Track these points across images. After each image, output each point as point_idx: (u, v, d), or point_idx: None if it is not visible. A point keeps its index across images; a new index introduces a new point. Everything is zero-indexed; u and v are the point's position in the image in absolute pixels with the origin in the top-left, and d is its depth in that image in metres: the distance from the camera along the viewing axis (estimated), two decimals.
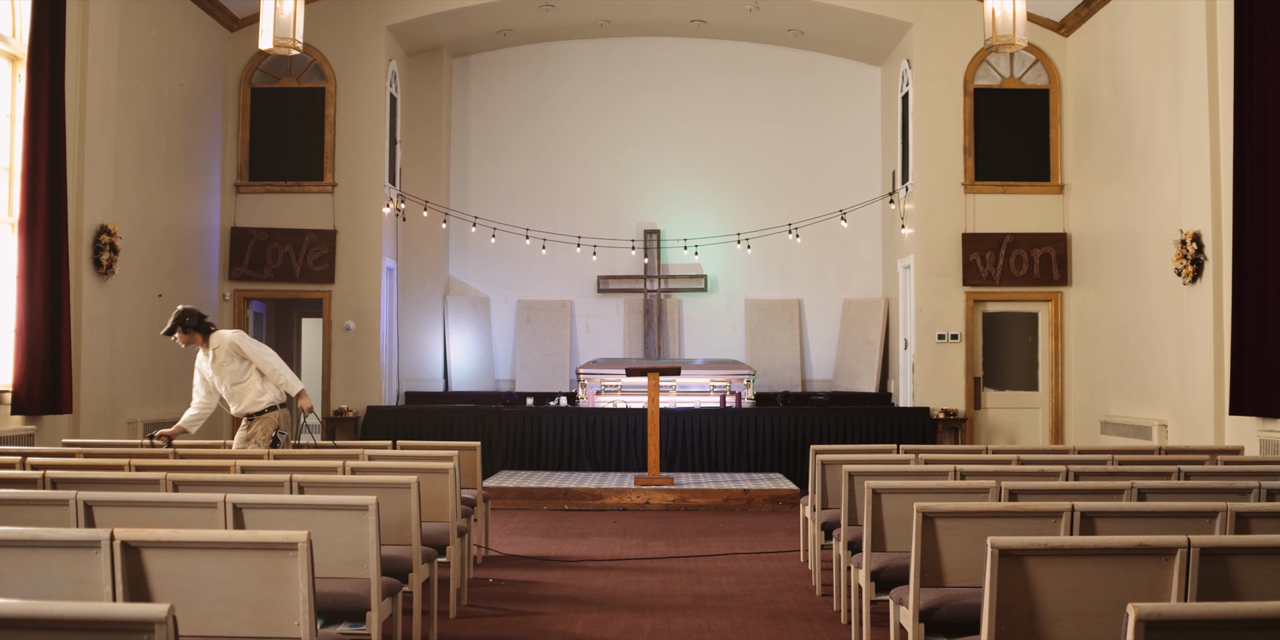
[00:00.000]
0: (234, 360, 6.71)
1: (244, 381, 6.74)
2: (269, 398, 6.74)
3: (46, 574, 3.01)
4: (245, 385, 6.74)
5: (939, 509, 3.73)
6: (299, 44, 7.68)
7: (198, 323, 6.67)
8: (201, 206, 11.37)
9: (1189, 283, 8.79)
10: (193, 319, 6.67)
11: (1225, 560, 3.00)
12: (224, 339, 6.73)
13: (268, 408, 6.73)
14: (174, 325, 6.67)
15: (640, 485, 9.83)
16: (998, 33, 7.34)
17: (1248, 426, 7.98)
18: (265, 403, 6.73)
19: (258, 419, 6.72)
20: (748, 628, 5.30)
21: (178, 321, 6.67)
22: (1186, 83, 8.91)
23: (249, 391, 6.73)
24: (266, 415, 6.74)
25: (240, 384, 6.74)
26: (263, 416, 6.73)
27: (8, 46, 8.21)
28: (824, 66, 13.95)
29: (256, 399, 6.73)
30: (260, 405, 6.72)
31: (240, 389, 6.74)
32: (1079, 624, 3.02)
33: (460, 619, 5.46)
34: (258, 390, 6.74)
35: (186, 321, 6.66)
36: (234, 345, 6.71)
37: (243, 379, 6.74)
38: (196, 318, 6.68)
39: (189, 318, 6.67)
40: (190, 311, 6.70)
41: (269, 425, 6.72)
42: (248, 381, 6.74)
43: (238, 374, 6.74)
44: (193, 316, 6.67)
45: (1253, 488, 4.48)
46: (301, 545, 3.00)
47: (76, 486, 4.49)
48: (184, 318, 6.67)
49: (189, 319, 6.67)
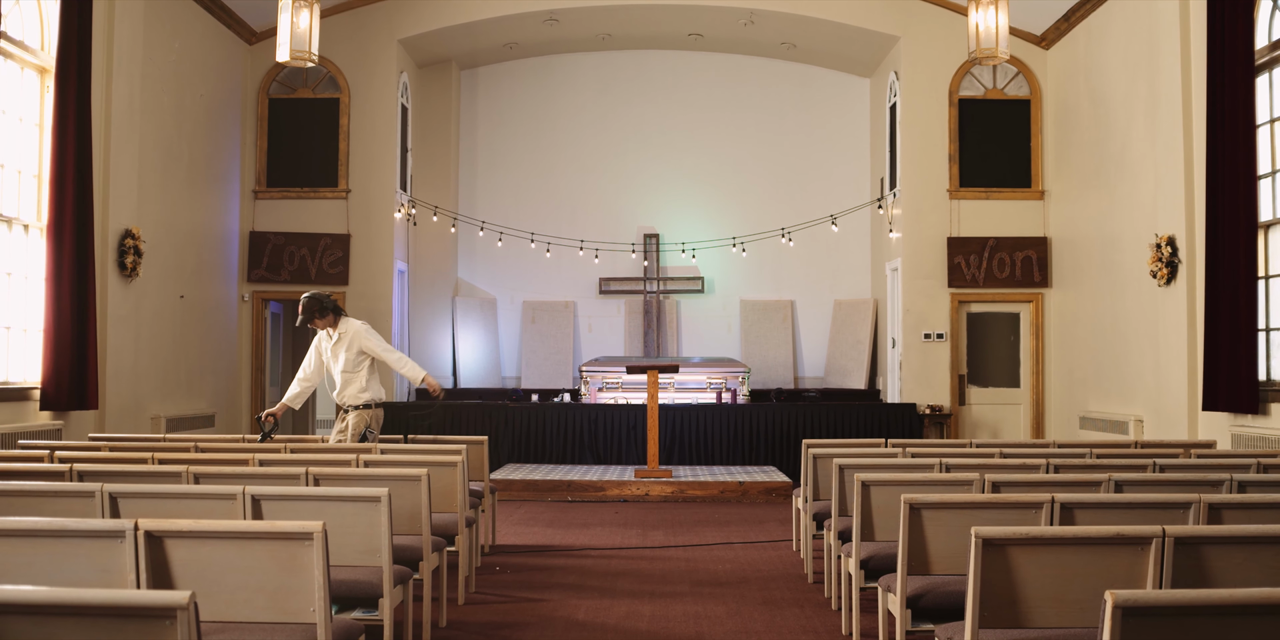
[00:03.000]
0: (352, 349, 6.75)
1: (354, 372, 6.80)
2: (368, 395, 6.80)
3: (73, 562, 3.01)
4: (353, 376, 6.80)
5: (925, 500, 3.73)
6: (314, 57, 7.67)
7: (334, 306, 6.76)
8: (221, 211, 11.36)
9: (1163, 285, 8.78)
10: (329, 304, 6.75)
11: (1198, 549, 3.00)
12: (351, 326, 6.81)
13: (364, 404, 6.79)
14: (309, 314, 6.70)
15: (640, 478, 9.83)
16: (981, 46, 7.33)
17: (1219, 421, 7.98)
18: (364, 399, 6.80)
19: (353, 413, 6.78)
20: (743, 613, 5.30)
21: (312, 310, 6.70)
22: (1161, 94, 8.91)
23: (353, 383, 6.80)
24: (361, 412, 6.79)
25: (350, 373, 6.80)
26: (358, 412, 6.79)
27: (37, 59, 8.20)
28: (815, 78, 13.95)
29: (358, 394, 6.79)
30: (359, 400, 6.80)
31: (348, 377, 6.80)
32: (1059, 610, 3.02)
33: (468, 605, 5.46)
34: (360, 386, 6.80)
35: (325, 305, 6.74)
36: (359, 334, 6.77)
37: (354, 369, 6.80)
38: (331, 303, 6.76)
39: (325, 303, 6.74)
40: (320, 298, 6.74)
41: (361, 422, 6.79)
42: (358, 373, 6.80)
43: (351, 363, 6.79)
44: (327, 302, 6.75)
45: (1224, 480, 4.47)
46: (317, 535, 3.00)
47: (102, 479, 4.49)
48: (319, 305, 6.72)
49: (326, 303, 6.75)
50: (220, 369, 11.25)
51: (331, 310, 6.76)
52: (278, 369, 12.76)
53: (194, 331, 10.57)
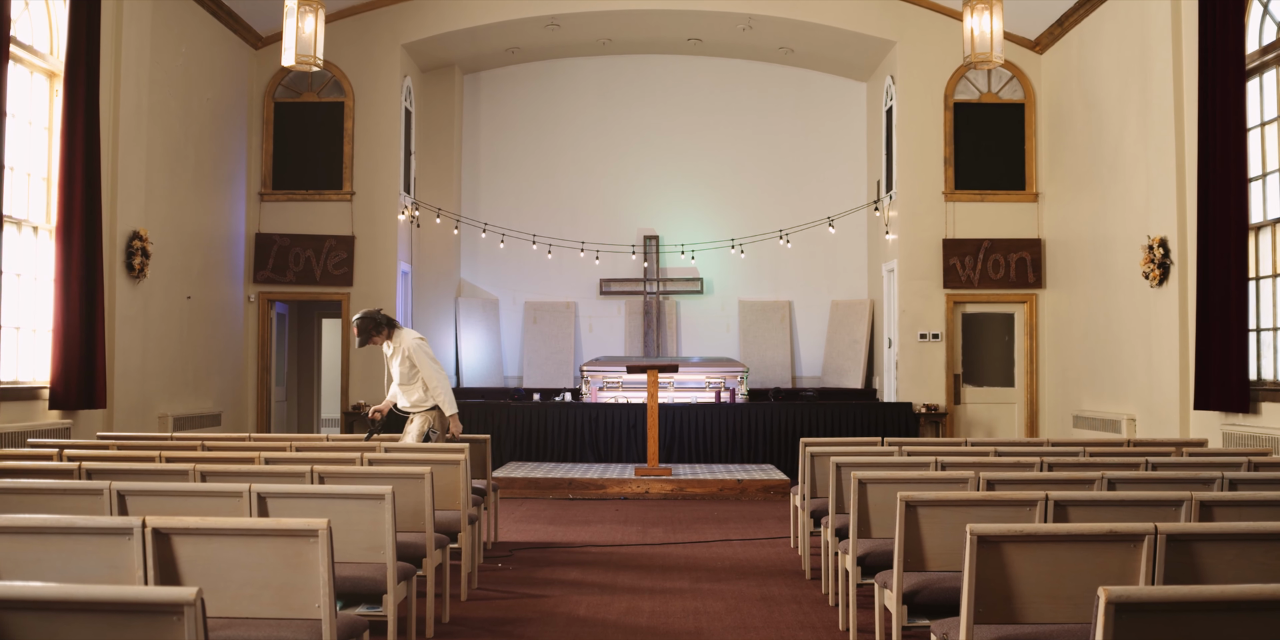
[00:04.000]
0: (406, 361, 6.85)
1: (411, 383, 6.92)
2: (430, 402, 6.90)
3: (82, 559, 3.01)
4: (412, 386, 6.92)
5: (921, 498, 3.73)
6: (319, 61, 7.67)
7: (386, 321, 6.86)
8: (228, 213, 11.36)
9: (1156, 286, 8.78)
10: (381, 319, 6.85)
11: (1190, 546, 3.00)
12: (404, 340, 6.89)
13: (429, 408, 6.91)
14: (365, 335, 6.80)
15: (640, 476, 9.83)
16: (976, 50, 7.33)
17: (1211, 420, 7.98)
18: (426, 405, 6.91)
19: (417, 416, 6.92)
20: (741, 609, 5.30)
21: (368, 330, 6.80)
22: (1153, 97, 8.91)
23: (414, 393, 6.92)
24: (425, 414, 6.92)
25: (407, 384, 6.92)
26: (421, 414, 6.92)
27: (46, 63, 8.20)
28: (813, 82, 13.95)
29: (421, 401, 6.91)
30: (423, 405, 6.91)
31: (407, 389, 6.93)
32: (1053, 606, 3.02)
33: (471, 601, 5.46)
34: (420, 395, 6.92)
35: (378, 321, 6.84)
36: (409, 348, 6.86)
37: (410, 382, 6.92)
38: (384, 319, 6.85)
39: (377, 319, 6.84)
40: (371, 317, 6.83)
41: (425, 423, 6.90)
42: (414, 383, 6.92)
43: (406, 376, 6.90)
44: (380, 318, 6.84)
45: (1216, 478, 4.48)
46: (322, 532, 3.00)
47: (110, 477, 4.49)
48: (371, 323, 6.81)
49: (379, 320, 6.85)
50: (226, 369, 11.24)
51: (385, 325, 6.87)
52: (283, 369, 12.76)
53: (200, 332, 10.57)
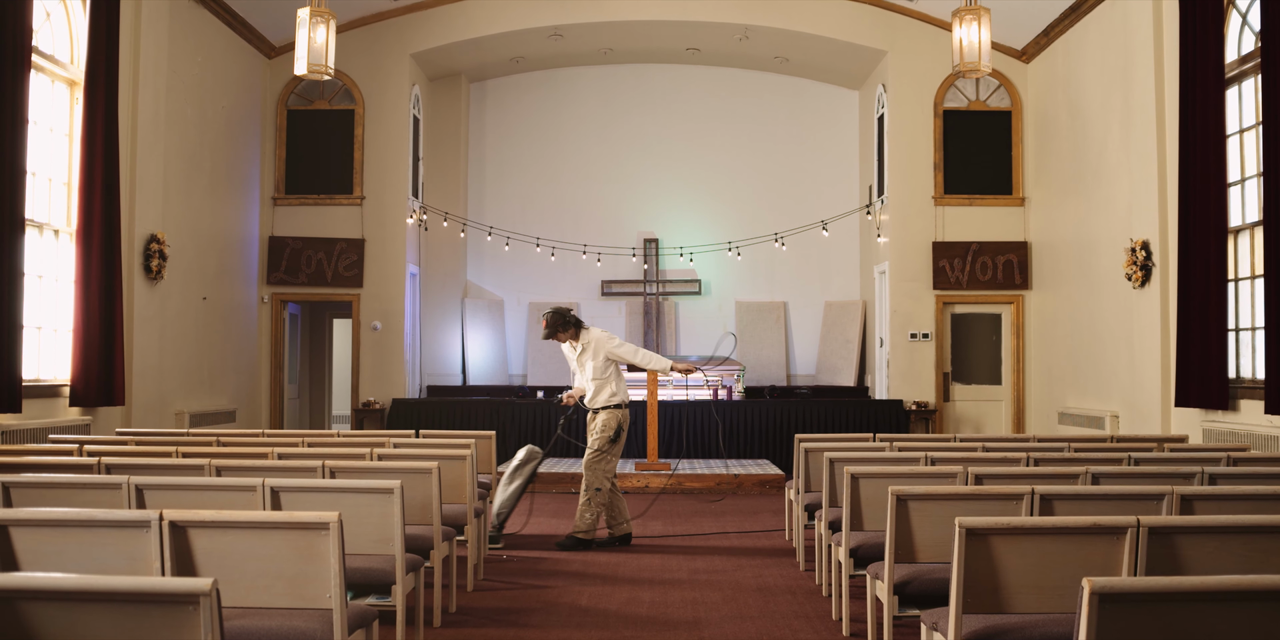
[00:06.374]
0: (599, 357, 6.76)
1: (604, 378, 6.81)
2: (618, 398, 6.81)
3: (101, 551, 3.01)
4: (603, 382, 6.81)
5: (911, 492, 3.73)
6: (331, 70, 7.66)
7: (575, 321, 6.78)
8: (242, 217, 11.36)
9: (1138, 287, 8.78)
10: (571, 319, 6.76)
11: (1171, 539, 3.00)
12: (593, 336, 6.81)
13: (615, 405, 6.80)
14: (553, 329, 6.72)
15: (640, 470, 9.82)
16: (965, 60, 7.33)
17: (1191, 417, 7.98)
18: (615, 401, 6.81)
19: (604, 412, 6.79)
20: (738, 600, 5.30)
21: (556, 325, 6.72)
22: (1136, 105, 8.91)
23: (605, 389, 6.81)
24: (613, 411, 6.80)
25: (599, 379, 6.80)
26: (609, 411, 6.79)
27: (66, 72, 8.20)
28: (807, 90, 13.95)
29: (609, 399, 6.81)
30: (611, 402, 6.81)
31: (599, 384, 6.81)
32: (1039, 596, 3.02)
33: (477, 592, 5.46)
34: (611, 391, 6.81)
35: (567, 320, 6.75)
36: (601, 342, 6.77)
37: (602, 376, 6.80)
38: (573, 319, 6.77)
39: (566, 318, 6.76)
40: (562, 314, 6.75)
41: (613, 419, 6.77)
42: (607, 379, 6.81)
43: (599, 370, 6.80)
44: (569, 317, 6.76)
45: (1196, 473, 4.47)
46: (333, 525, 3.00)
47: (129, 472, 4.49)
48: (561, 320, 6.73)
49: (568, 319, 6.76)
50: (241, 367, 11.24)
51: (573, 324, 6.78)
52: (295, 367, 12.76)
53: (216, 331, 10.57)
